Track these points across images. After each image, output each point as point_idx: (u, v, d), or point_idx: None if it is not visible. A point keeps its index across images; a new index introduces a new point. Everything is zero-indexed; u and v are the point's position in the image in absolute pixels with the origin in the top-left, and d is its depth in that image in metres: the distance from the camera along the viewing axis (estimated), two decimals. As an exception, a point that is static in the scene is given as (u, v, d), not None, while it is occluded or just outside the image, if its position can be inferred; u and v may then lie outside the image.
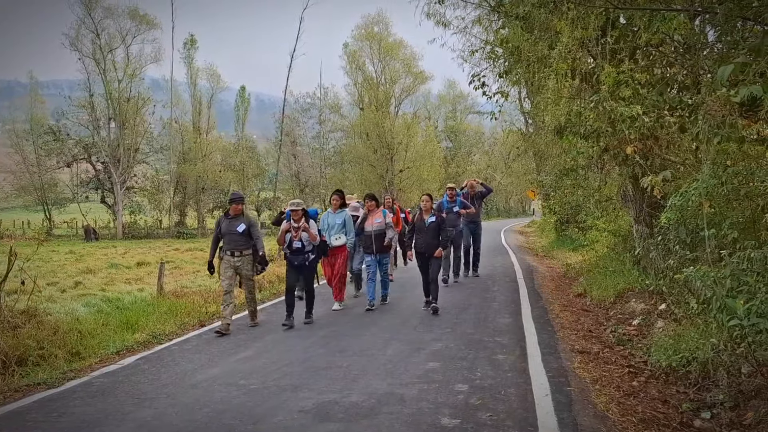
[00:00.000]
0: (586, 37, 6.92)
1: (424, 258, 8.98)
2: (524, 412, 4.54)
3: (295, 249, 8.28)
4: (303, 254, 8.28)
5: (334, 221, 9.29)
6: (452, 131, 66.03)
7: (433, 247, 8.77)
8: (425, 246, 8.86)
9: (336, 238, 9.17)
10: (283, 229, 8.31)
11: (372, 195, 9.57)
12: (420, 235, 8.96)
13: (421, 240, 8.92)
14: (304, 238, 8.23)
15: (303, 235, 8.22)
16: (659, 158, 7.71)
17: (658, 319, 7.16)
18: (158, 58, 45.23)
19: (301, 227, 8.20)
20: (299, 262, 8.33)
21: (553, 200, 19.75)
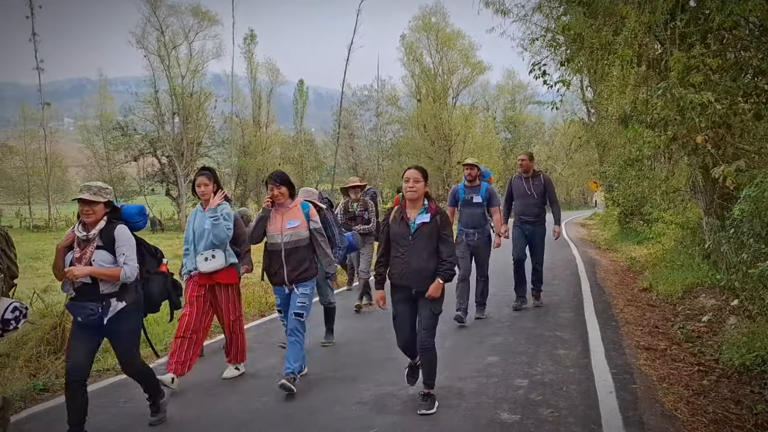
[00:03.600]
0: (654, 21, 6.64)
1: (406, 297, 4.63)
2: (587, 409, 4.41)
3: (79, 288, 4.10)
4: (98, 301, 4.08)
5: (201, 226, 5.43)
6: (511, 122, 65.05)
7: (424, 276, 4.50)
8: (409, 274, 4.52)
9: (205, 258, 5.39)
10: (61, 246, 4.18)
11: (280, 174, 5.35)
12: (400, 253, 4.60)
13: (402, 262, 4.57)
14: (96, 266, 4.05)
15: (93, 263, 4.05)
16: (732, 147, 7.34)
17: (730, 315, 6.84)
18: (219, 54, 46.34)
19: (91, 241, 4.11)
20: (86, 319, 4.08)
21: (617, 192, 19.21)
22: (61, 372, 5.89)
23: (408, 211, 4.62)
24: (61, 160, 51.78)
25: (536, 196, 8.21)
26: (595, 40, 7.61)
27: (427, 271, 4.49)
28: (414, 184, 4.54)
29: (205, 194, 5.44)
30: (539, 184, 8.25)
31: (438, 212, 4.56)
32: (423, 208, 4.57)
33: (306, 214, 5.33)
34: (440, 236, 4.52)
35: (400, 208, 4.65)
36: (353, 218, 8.63)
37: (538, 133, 68.32)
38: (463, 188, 7.71)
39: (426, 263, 4.50)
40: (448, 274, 4.50)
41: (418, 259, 4.50)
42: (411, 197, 4.56)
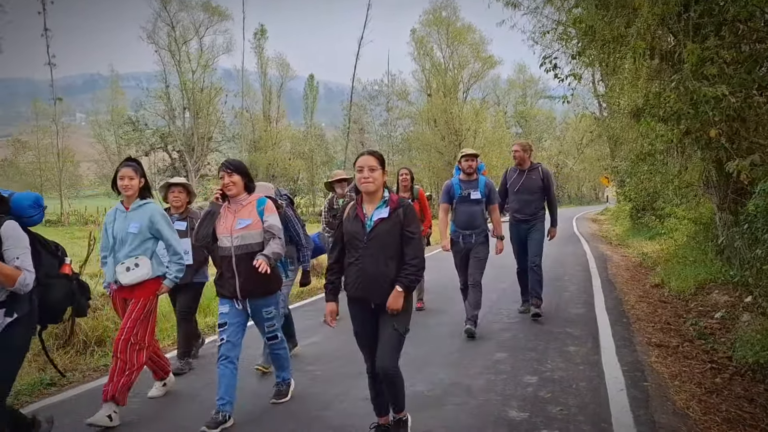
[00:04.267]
0: (667, 12, 6.53)
1: (366, 311, 3.80)
2: (597, 407, 4.34)
3: None
4: None
5: (124, 230, 4.57)
6: (522, 117, 64.79)
7: (383, 285, 3.67)
8: (364, 282, 3.71)
9: (127, 267, 4.52)
10: None
11: (234, 161, 4.54)
12: (354, 258, 3.78)
13: (356, 268, 3.75)
14: None
15: None
16: (746, 141, 7.21)
17: (744, 312, 6.74)
18: (230, 49, 46.40)
19: None
20: None
21: (629, 187, 19.06)
22: (70, 366, 5.91)
23: (365, 206, 3.76)
24: (73, 155, 52.13)
25: (533, 192, 7.39)
26: (606, 33, 7.51)
27: (386, 278, 3.64)
28: (369, 173, 3.66)
29: (129, 189, 4.57)
30: (537, 177, 7.41)
31: (400, 205, 3.70)
32: (382, 202, 3.71)
33: (260, 211, 4.42)
34: (403, 234, 3.67)
35: (355, 203, 3.83)
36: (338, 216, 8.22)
37: (549, 127, 68.04)
38: (459, 183, 6.75)
39: (385, 268, 3.64)
40: (409, 280, 3.61)
41: (375, 264, 3.65)
42: (367, 189, 3.68)
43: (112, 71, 53.79)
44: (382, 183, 3.74)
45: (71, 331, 6.50)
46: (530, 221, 7.40)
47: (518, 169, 7.52)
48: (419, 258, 3.67)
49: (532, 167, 7.49)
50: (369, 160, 3.69)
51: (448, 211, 6.86)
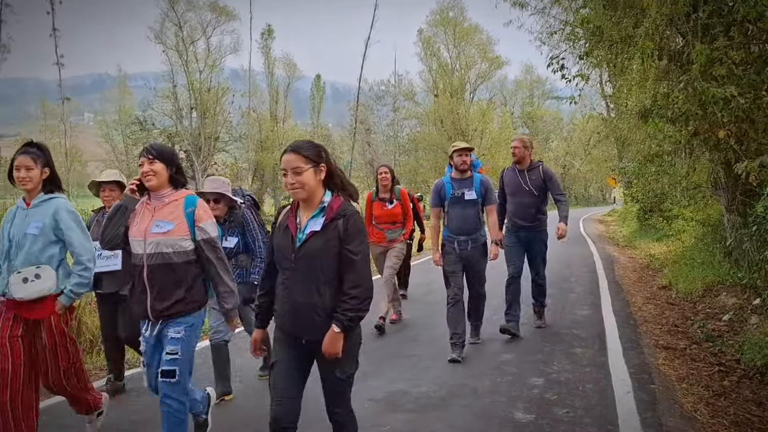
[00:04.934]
0: (675, 13, 6.49)
1: (292, 345, 3.00)
2: (603, 409, 4.32)
3: None
4: None
5: (22, 231, 3.71)
6: (529, 117, 64.62)
7: (313, 318, 2.86)
8: (290, 313, 2.91)
9: (24, 278, 3.62)
10: None
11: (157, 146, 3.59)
12: (281, 280, 2.98)
13: (283, 294, 2.95)
14: None
15: None
16: (755, 143, 7.16)
17: (752, 314, 6.69)
18: (237, 49, 46.42)
19: None
20: None
21: (636, 188, 18.98)
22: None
23: (300, 213, 2.93)
24: (81, 155, 52.40)
25: (534, 194, 6.53)
26: (614, 33, 7.47)
27: (319, 309, 2.80)
28: (294, 177, 2.82)
29: (27, 182, 3.70)
30: (537, 177, 6.55)
31: (340, 215, 2.81)
32: (318, 209, 2.85)
33: (189, 214, 3.45)
34: (342, 254, 2.79)
35: (289, 210, 3.00)
36: None
37: (556, 128, 67.81)
38: (451, 182, 5.92)
39: (317, 297, 2.81)
40: (348, 318, 2.76)
41: (304, 291, 2.82)
42: (298, 197, 2.86)
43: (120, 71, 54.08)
44: (316, 185, 2.87)
45: (77, 331, 6.51)
46: (532, 228, 6.59)
47: (516, 169, 6.66)
48: (362, 287, 2.79)
49: (532, 166, 6.62)
50: (292, 160, 2.83)
51: (440, 215, 5.99)
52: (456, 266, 5.90)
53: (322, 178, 2.90)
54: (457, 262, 5.89)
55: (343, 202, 2.89)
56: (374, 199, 7.27)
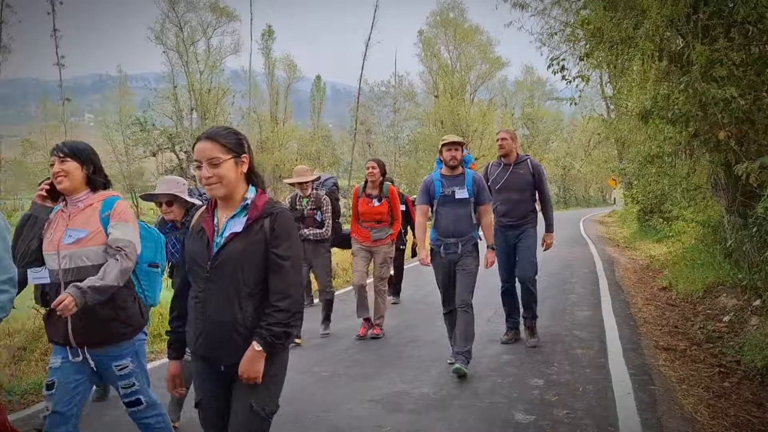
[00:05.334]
0: (676, 14, 6.49)
1: (211, 374, 2.52)
2: (603, 410, 4.32)
3: None
4: None
5: None
6: (529, 118, 64.56)
7: (232, 338, 2.39)
8: (205, 333, 2.42)
9: None
10: None
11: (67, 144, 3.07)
12: (194, 294, 2.48)
13: (196, 311, 2.46)
14: None
15: None
16: (756, 144, 7.16)
17: (753, 315, 6.69)
18: (237, 50, 46.51)
19: None
20: None
21: (636, 189, 18.96)
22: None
23: (218, 213, 2.48)
24: (82, 155, 52.25)
25: (522, 190, 6.15)
26: (615, 34, 7.47)
27: (239, 328, 2.35)
28: (210, 169, 2.34)
29: None
30: (526, 172, 6.16)
31: (266, 213, 2.39)
32: (240, 207, 2.41)
33: (105, 219, 3.00)
34: (269, 259, 2.36)
35: (206, 210, 2.53)
36: (301, 219, 6.61)
37: (556, 129, 67.76)
38: (440, 179, 5.49)
39: (238, 313, 2.35)
40: (272, 333, 2.30)
41: (222, 305, 2.36)
42: (216, 193, 2.37)
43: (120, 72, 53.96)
44: (238, 179, 2.43)
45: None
46: (520, 226, 6.15)
47: (502, 163, 6.26)
48: (291, 298, 2.35)
49: (520, 160, 6.23)
50: (207, 149, 2.36)
51: (427, 214, 5.62)
52: (445, 278, 5.49)
53: (245, 171, 2.46)
54: (445, 272, 5.46)
55: (270, 199, 2.48)
56: (361, 195, 6.80)
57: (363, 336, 6.76)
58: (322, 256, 6.74)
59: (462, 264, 5.35)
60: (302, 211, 6.66)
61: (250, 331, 2.35)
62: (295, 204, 6.74)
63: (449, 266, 5.43)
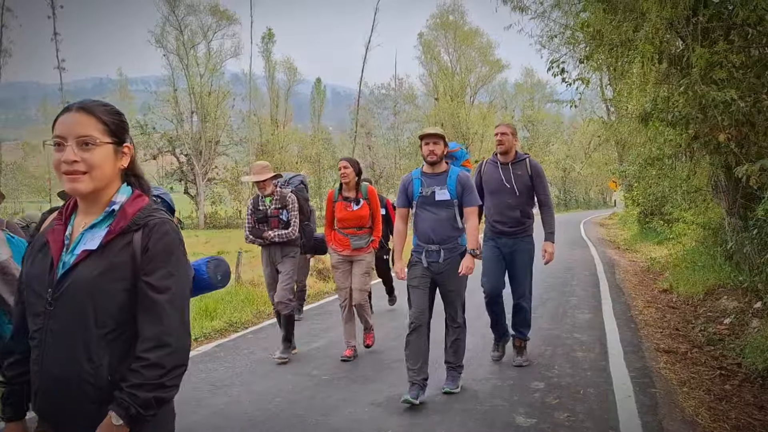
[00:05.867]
0: (675, 16, 6.50)
1: None
2: (604, 413, 4.31)
3: None
4: None
5: None
6: (530, 121, 64.62)
7: (84, 401, 1.65)
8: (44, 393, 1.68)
9: None
10: None
11: None
12: (32, 333, 1.72)
13: (34, 360, 1.70)
14: None
15: None
16: (756, 146, 7.16)
17: (753, 318, 6.68)
18: (237, 53, 46.75)
19: None
20: None
21: (637, 191, 18.97)
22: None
23: (76, 219, 1.79)
24: (82, 159, 52.39)
25: (519, 192, 5.43)
26: (614, 37, 7.48)
27: (86, 387, 1.66)
28: (79, 151, 1.67)
29: None
30: (524, 173, 5.47)
31: (137, 224, 1.72)
32: (104, 214, 1.74)
33: None
34: (139, 288, 1.69)
35: (58, 216, 1.83)
36: (265, 220, 6.02)
37: (557, 131, 67.84)
38: (420, 177, 4.86)
39: (82, 365, 1.66)
40: (138, 401, 1.61)
41: (62, 353, 1.67)
42: (79, 189, 1.68)
43: (120, 75, 54.24)
44: (114, 174, 1.77)
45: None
46: (515, 234, 5.49)
47: (498, 162, 5.56)
48: (168, 348, 1.66)
49: (518, 159, 5.54)
50: (78, 123, 1.69)
51: (406, 218, 4.95)
52: (421, 281, 4.69)
53: (124, 166, 1.79)
54: (423, 275, 4.70)
55: (147, 205, 1.78)
56: (336, 199, 6.07)
57: (350, 357, 5.99)
58: (290, 260, 6.03)
59: (446, 283, 4.73)
60: (265, 211, 6.04)
61: (105, 392, 1.65)
62: (257, 204, 6.12)
63: (428, 275, 4.71)
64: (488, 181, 5.59)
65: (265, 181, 6.03)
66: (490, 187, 5.57)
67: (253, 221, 6.07)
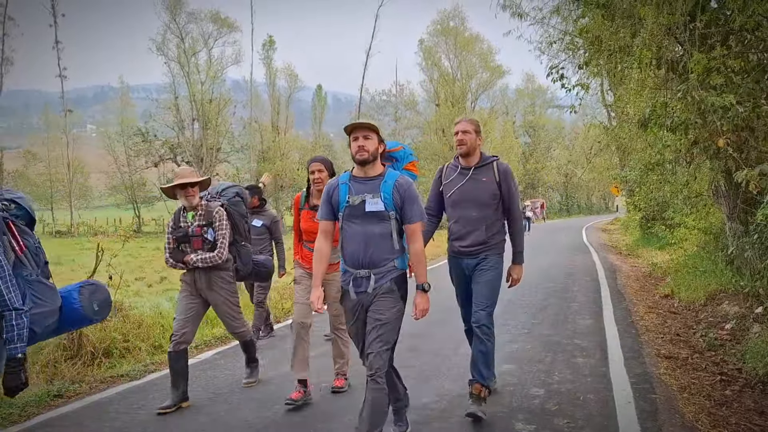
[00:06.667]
0: (673, 22, 6.52)
1: None
2: (604, 419, 4.30)
3: None
4: None
5: None
6: (531, 126, 64.74)
7: None
8: None
9: None
10: None
11: None
12: None
13: None
14: None
15: None
16: (755, 151, 7.16)
17: (754, 323, 6.67)
18: (238, 60, 46.71)
19: None
20: None
21: (638, 196, 19.00)
22: (77, 378, 5.92)
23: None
24: (83, 167, 52.66)
25: (484, 204, 4.52)
26: (613, 43, 7.51)
27: None
28: None
29: None
30: (490, 180, 4.53)
31: None
32: None
33: None
34: None
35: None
36: (186, 239, 4.96)
37: (558, 137, 67.93)
38: (348, 182, 3.75)
39: None
40: None
41: None
42: None
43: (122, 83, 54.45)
44: None
45: (79, 343, 6.53)
46: (479, 253, 4.55)
47: (459, 166, 4.63)
48: None
49: (483, 162, 4.60)
50: None
51: (330, 234, 3.85)
52: (357, 324, 3.77)
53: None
54: (355, 310, 3.74)
55: None
56: (303, 207, 5.11)
57: (296, 400, 4.77)
58: (221, 289, 4.98)
59: (374, 315, 3.62)
60: (186, 229, 4.97)
61: None
62: (178, 221, 5.03)
63: (360, 311, 3.72)
64: (448, 188, 4.66)
65: (193, 188, 4.96)
66: (451, 197, 4.63)
67: (175, 243, 5.00)
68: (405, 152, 4.38)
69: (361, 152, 3.64)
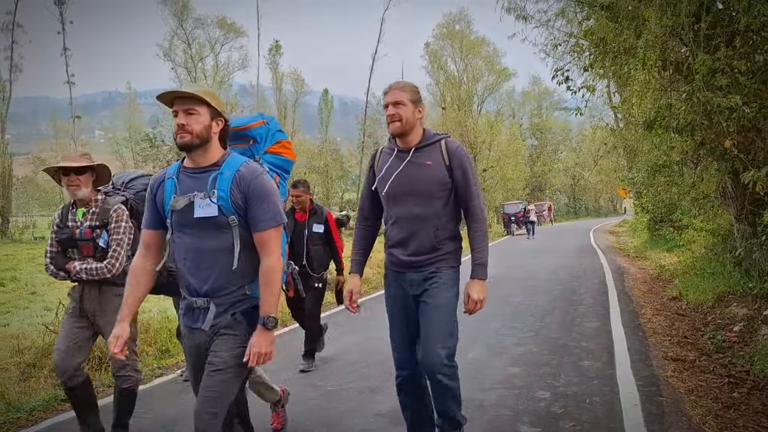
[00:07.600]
0: (677, 23, 6.51)
1: None
2: (610, 422, 4.28)
3: None
4: None
5: None
6: (538, 129, 64.60)
7: None
8: None
9: None
10: None
11: None
12: None
13: None
14: None
15: None
16: (762, 152, 7.14)
17: (763, 325, 6.63)
18: (245, 65, 47.09)
19: None
20: None
21: (646, 198, 18.93)
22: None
23: None
24: (92, 172, 52.89)
25: (429, 196, 3.28)
26: (617, 44, 7.50)
27: None
28: None
29: None
30: (436, 164, 3.29)
31: None
32: None
33: None
34: None
35: None
36: (72, 243, 3.81)
37: (565, 139, 67.78)
38: (176, 177, 2.76)
39: None
40: None
41: None
42: None
43: (129, 88, 54.93)
44: None
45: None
46: (426, 265, 3.31)
47: (396, 149, 3.40)
48: None
49: (427, 141, 3.37)
50: None
51: (154, 248, 2.83)
52: (195, 372, 2.78)
53: None
54: (194, 361, 2.78)
55: None
56: None
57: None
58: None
59: (212, 352, 2.64)
60: (73, 230, 3.83)
61: None
62: (65, 219, 3.91)
63: (199, 354, 2.73)
64: (384, 179, 3.37)
65: (79, 175, 3.78)
66: (387, 189, 3.35)
67: (57, 245, 3.85)
68: (267, 128, 3.21)
69: (182, 135, 2.63)
